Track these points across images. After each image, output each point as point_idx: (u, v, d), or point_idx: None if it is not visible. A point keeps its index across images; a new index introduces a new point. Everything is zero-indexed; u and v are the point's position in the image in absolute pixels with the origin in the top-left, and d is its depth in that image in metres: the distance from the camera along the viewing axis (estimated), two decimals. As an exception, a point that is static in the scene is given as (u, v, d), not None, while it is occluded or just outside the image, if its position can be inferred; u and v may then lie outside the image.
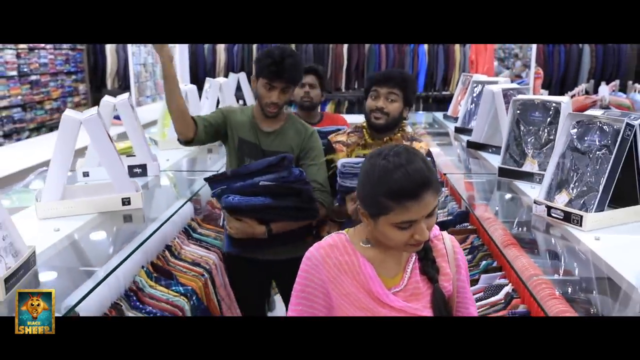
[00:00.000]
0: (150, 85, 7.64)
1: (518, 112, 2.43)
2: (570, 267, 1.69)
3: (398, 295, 1.28)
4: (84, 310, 1.49)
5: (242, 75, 4.52)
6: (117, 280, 1.75)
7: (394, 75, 2.16)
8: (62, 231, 1.76)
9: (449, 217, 2.59)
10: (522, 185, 2.32)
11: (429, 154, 2.20)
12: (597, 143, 1.78)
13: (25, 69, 7.11)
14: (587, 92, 5.44)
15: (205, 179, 2.11)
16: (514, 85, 3.26)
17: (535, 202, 1.94)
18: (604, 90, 4.99)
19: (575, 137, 1.87)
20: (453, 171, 2.87)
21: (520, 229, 2.02)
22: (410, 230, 1.19)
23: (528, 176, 2.32)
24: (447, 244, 1.36)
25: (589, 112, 1.87)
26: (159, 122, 3.46)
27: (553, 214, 1.85)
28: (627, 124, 1.72)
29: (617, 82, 5.29)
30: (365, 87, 2.26)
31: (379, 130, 2.16)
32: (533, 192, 2.14)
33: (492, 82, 3.42)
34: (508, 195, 2.38)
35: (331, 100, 8.23)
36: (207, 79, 4.06)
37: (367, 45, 8.06)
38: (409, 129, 2.33)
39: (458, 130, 3.61)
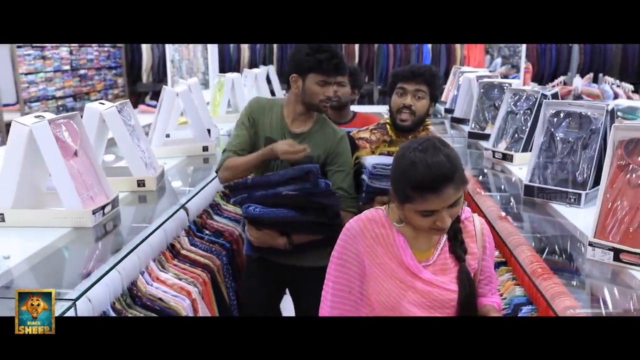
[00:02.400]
0: (177, 79, 8.61)
1: (482, 91, 3.34)
2: (502, 184, 2.60)
3: (427, 268, 1.37)
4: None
5: (271, 68, 5.46)
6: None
7: (422, 71, 2.07)
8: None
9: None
10: (484, 143, 3.22)
11: None
12: (524, 107, 2.70)
13: (76, 64, 8.11)
14: (565, 83, 6.30)
15: (226, 187, 2.16)
16: (487, 73, 4.16)
17: (485, 149, 2.85)
18: (578, 81, 5.86)
19: (512, 104, 2.78)
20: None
21: (478, 170, 2.92)
22: (433, 217, 1.27)
23: (488, 137, 3.23)
24: (476, 226, 1.44)
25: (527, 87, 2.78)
26: (210, 104, 4.40)
27: (496, 156, 2.76)
28: (542, 94, 2.63)
29: (591, 75, 6.14)
30: (389, 83, 2.18)
31: (405, 130, 2.11)
32: (488, 145, 3.05)
33: (472, 72, 4.32)
34: (474, 151, 3.28)
35: (344, 93, 9.13)
36: (245, 70, 5.00)
37: (376, 44, 8.97)
38: (432, 128, 2.29)
39: (447, 110, 4.52)
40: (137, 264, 1.93)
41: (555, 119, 2.10)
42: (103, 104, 2.28)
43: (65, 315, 1.33)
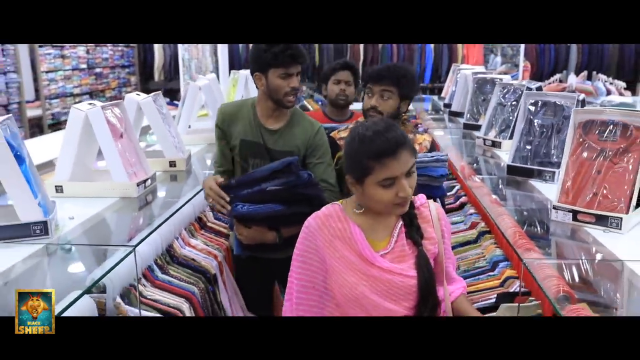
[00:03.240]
0: (186, 78, 8.92)
1: (476, 86, 3.65)
2: (490, 170, 2.91)
3: (385, 257, 1.39)
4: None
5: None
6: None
7: (386, 73, 2.09)
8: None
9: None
10: (477, 133, 3.53)
11: (434, 143, 2.25)
12: (511, 100, 3.00)
13: (92, 63, 8.46)
14: (560, 81, 6.58)
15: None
16: (483, 70, 4.47)
17: (477, 137, 3.16)
18: (572, 78, 6.14)
19: (501, 97, 3.09)
20: (439, 130, 4.08)
21: (470, 157, 3.23)
22: (394, 188, 1.32)
23: (480, 127, 3.54)
24: (432, 211, 1.47)
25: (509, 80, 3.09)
26: (225, 98, 4.72)
27: (486, 143, 3.07)
28: (527, 87, 2.93)
29: (586, 72, 6.41)
30: (362, 84, 2.20)
31: None
32: (480, 134, 3.35)
33: (469, 69, 4.62)
34: (468, 140, 3.59)
35: (349, 91, 9.45)
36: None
37: (380, 44, 9.28)
38: (410, 122, 2.30)
39: (445, 105, 4.83)
40: (172, 231, 2.26)
41: (534, 108, 2.40)
42: (139, 94, 2.60)
43: (124, 260, 1.64)
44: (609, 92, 6.16)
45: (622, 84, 6.41)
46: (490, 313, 1.78)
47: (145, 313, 1.75)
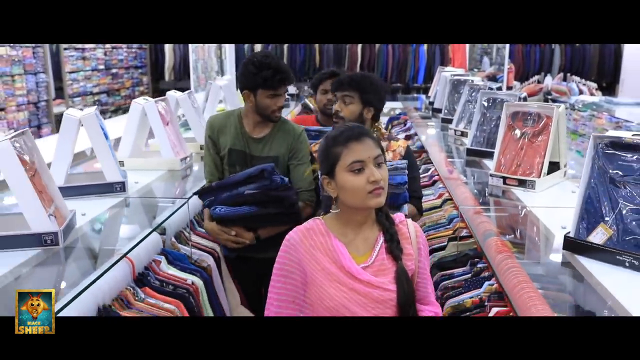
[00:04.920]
0: (194, 77, 9.53)
1: (452, 86, 4.32)
2: (458, 154, 3.57)
3: (366, 270, 1.43)
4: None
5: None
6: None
7: (347, 80, 2.21)
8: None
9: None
10: (450, 125, 4.19)
11: (408, 150, 2.32)
12: (476, 98, 3.67)
13: (109, 64, 9.13)
14: (538, 82, 7.27)
15: (195, 192, 2.32)
16: (461, 72, 5.14)
17: (449, 129, 3.83)
18: (548, 80, 6.85)
19: (469, 95, 3.76)
20: (426, 125, 4.75)
21: (444, 145, 3.88)
22: (364, 174, 1.39)
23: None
24: (410, 229, 1.51)
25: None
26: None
27: (456, 134, 3.74)
28: (489, 87, 3.60)
29: (562, 74, 7.11)
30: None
31: None
32: (452, 126, 4.02)
33: (449, 71, 5.29)
34: (445, 132, 4.25)
35: (347, 90, 10.11)
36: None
37: (377, 45, 9.95)
38: (383, 128, 2.44)
39: (430, 103, 5.51)
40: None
41: (487, 104, 3.07)
42: (176, 92, 3.28)
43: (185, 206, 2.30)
44: (581, 92, 6.85)
45: (594, 85, 7.10)
46: (442, 251, 2.46)
47: (194, 250, 2.39)
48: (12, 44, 6.41)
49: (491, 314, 1.76)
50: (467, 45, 8.56)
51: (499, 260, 1.71)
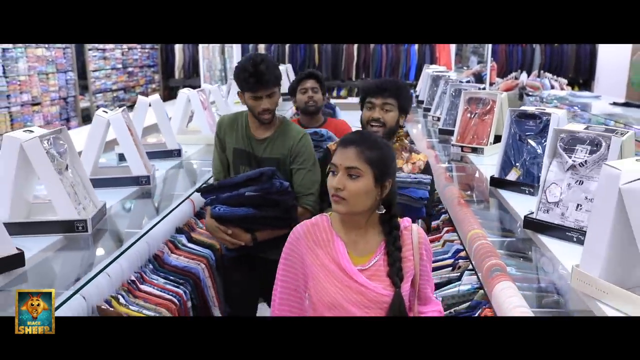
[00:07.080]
0: (205, 75, 10.22)
1: (431, 81, 5.15)
2: (434, 134, 4.39)
3: (362, 273, 1.47)
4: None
5: (289, 67, 7.21)
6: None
7: (388, 86, 2.17)
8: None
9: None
10: (430, 113, 5.00)
11: (428, 165, 2.29)
12: (451, 90, 4.51)
13: (126, 63, 9.93)
14: (515, 78, 8.09)
15: (197, 190, 2.34)
16: (443, 69, 5.98)
17: (429, 115, 4.66)
18: (524, 76, 7.65)
19: (444, 88, 4.58)
20: (414, 119, 5.56)
21: (426, 129, 4.70)
22: (334, 178, 1.45)
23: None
24: (414, 236, 1.53)
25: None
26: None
27: (433, 119, 4.57)
28: (459, 81, 4.43)
29: (537, 71, 7.92)
30: (360, 98, 2.26)
31: None
32: (431, 113, 4.84)
33: (432, 69, 6.11)
34: (427, 120, 5.07)
35: (345, 87, 10.91)
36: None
37: (371, 45, 10.74)
38: (406, 141, 2.43)
39: (416, 96, 6.34)
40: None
41: (454, 93, 3.91)
42: (186, 92, 4.10)
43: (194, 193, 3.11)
44: (552, 87, 7.68)
45: (565, 81, 7.91)
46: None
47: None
48: (47, 46, 7.22)
49: (445, 237, 2.56)
50: (453, 46, 9.40)
51: (451, 199, 2.53)
